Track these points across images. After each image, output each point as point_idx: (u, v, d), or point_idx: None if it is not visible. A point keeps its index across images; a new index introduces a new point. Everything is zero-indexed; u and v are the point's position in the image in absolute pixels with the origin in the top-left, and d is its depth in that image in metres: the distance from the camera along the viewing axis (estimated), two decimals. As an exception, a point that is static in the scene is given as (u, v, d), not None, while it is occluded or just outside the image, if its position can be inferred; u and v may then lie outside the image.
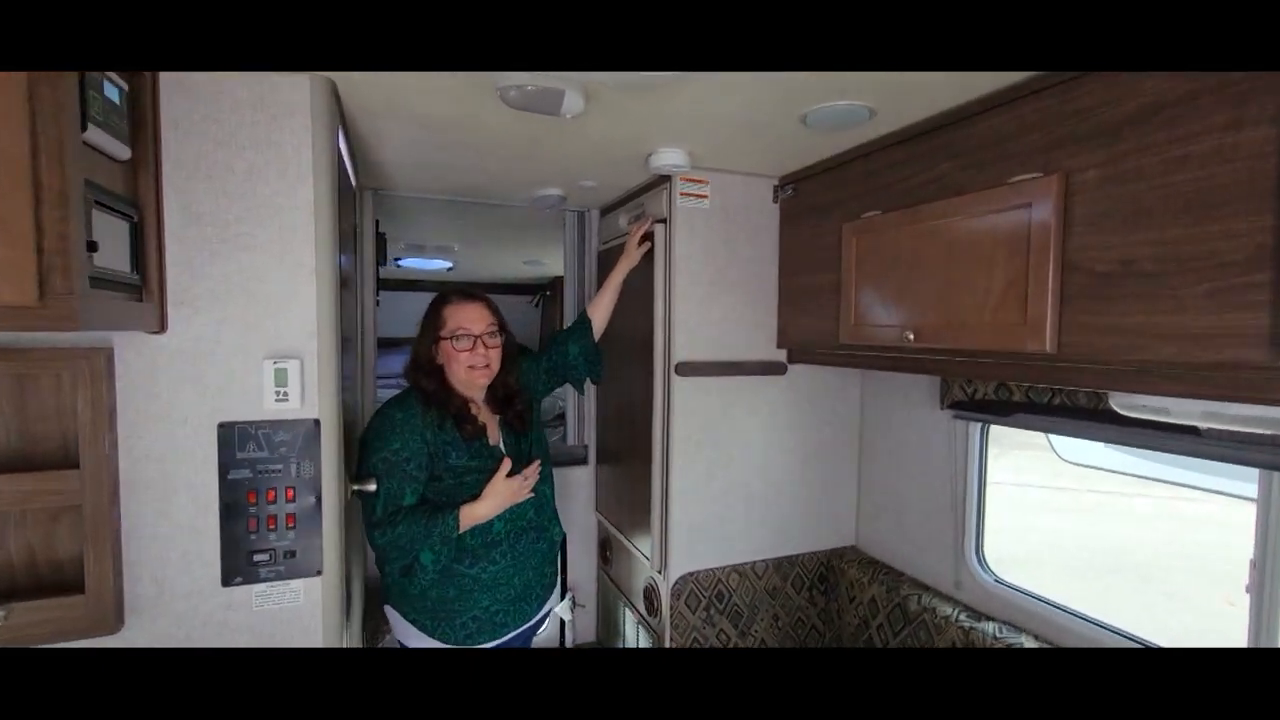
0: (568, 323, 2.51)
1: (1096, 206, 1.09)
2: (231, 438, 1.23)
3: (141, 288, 1.12)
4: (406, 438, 1.51)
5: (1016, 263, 1.21)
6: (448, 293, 1.63)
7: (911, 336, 1.42)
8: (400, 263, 3.95)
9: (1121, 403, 1.17)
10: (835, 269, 1.72)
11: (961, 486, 1.77)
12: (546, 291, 5.10)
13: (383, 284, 2.54)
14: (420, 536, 1.47)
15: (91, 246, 0.91)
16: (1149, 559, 5.08)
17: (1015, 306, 1.21)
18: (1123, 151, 1.05)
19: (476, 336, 1.56)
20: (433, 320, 1.60)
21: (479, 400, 1.66)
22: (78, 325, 0.85)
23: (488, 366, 1.58)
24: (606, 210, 2.55)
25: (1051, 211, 1.14)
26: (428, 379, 1.59)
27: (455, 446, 1.56)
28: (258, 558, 1.26)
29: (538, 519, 1.69)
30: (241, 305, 1.23)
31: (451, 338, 1.55)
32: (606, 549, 2.58)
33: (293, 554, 1.28)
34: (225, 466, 1.23)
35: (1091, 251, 1.10)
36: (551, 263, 4.02)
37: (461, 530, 1.50)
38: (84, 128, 0.88)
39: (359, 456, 1.56)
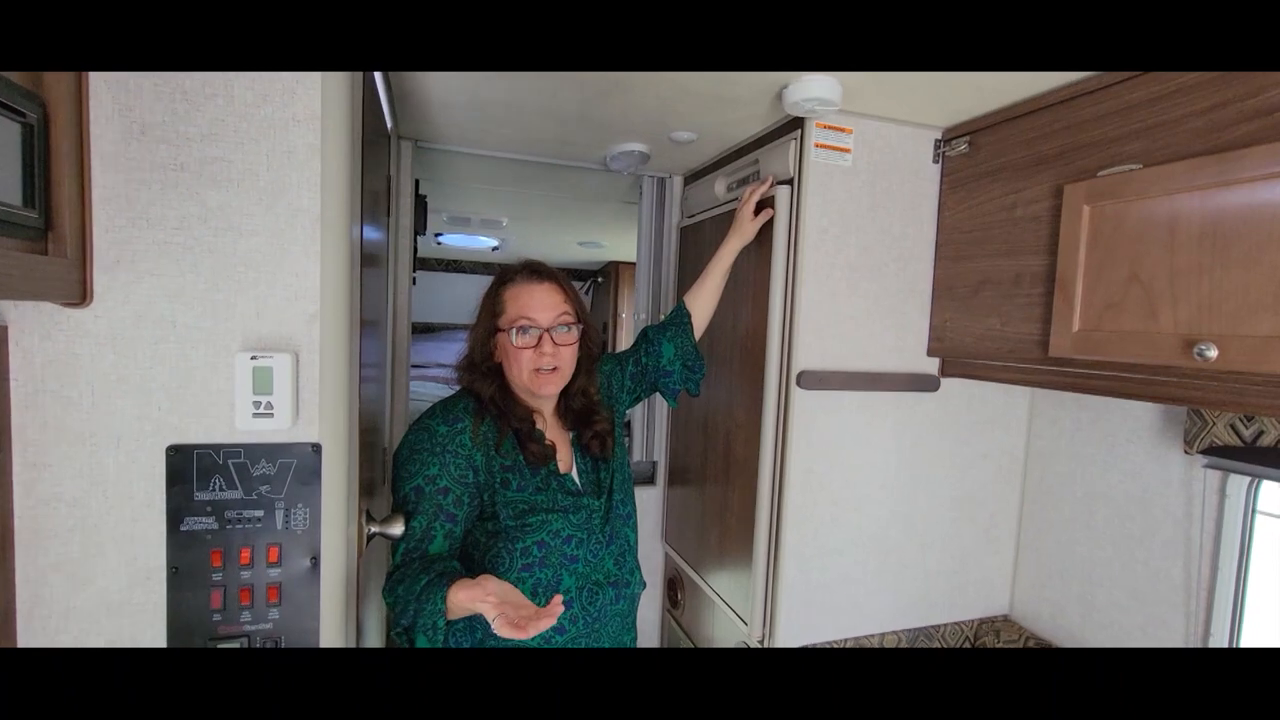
0: (625, 311, 2.05)
1: None
2: (188, 469, 0.81)
3: (46, 232, 0.71)
4: (448, 461, 1.10)
5: None
6: (511, 271, 1.21)
7: (1212, 354, 0.93)
8: (440, 239, 3.56)
9: None
10: (1044, 250, 1.23)
11: (1210, 561, 1.26)
12: (598, 278, 4.65)
13: (418, 263, 2.13)
14: (411, 609, 0.98)
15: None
16: None
17: None
18: None
19: (544, 329, 1.14)
20: (490, 305, 1.19)
21: (546, 413, 1.24)
22: None
23: (556, 369, 1.16)
24: (691, 178, 2.10)
25: None
26: (484, 382, 1.17)
27: (517, 473, 1.14)
28: (225, 647, 0.84)
29: (618, 571, 1.26)
30: (207, 268, 0.81)
31: (512, 329, 1.13)
32: (676, 589, 2.13)
33: (277, 643, 0.86)
34: (177, 512, 0.81)
35: None
36: (612, 244, 3.57)
37: (454, 617, 0.97)
38: None
39: (392, 481, 1.15)
